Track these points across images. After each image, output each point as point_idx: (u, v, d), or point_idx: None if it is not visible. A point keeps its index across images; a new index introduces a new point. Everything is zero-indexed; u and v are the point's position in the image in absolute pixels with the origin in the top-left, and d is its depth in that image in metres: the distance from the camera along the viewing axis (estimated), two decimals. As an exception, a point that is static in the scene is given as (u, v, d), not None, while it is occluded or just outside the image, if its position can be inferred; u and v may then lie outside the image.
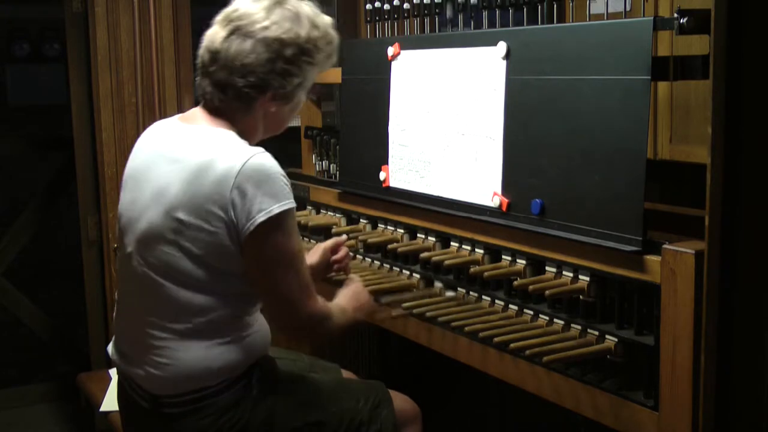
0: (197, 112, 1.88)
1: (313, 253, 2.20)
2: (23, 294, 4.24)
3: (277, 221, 1.73)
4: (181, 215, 1.75)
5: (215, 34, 1.83)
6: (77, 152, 3.53)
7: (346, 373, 2.33)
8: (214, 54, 1.82)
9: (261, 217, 1.72)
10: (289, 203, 1.76)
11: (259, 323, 1.91)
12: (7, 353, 4.34)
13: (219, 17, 1.86)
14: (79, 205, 3.57)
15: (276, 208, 1.73)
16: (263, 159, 1.76)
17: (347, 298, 2.07)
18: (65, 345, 4.28)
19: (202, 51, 1.86)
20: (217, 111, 1.85)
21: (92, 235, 3.52)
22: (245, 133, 1.86)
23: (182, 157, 1.79)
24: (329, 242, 2.24)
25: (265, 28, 1.80)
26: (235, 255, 1.76)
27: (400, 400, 2.13)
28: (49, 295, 4.34)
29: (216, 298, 1.79)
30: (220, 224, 1.73)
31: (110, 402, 2.81)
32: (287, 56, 1.81)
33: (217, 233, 1.74)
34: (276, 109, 1.87)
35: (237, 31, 1.80)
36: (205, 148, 1.78)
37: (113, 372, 3.05)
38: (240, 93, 1.81)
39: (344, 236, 2.33)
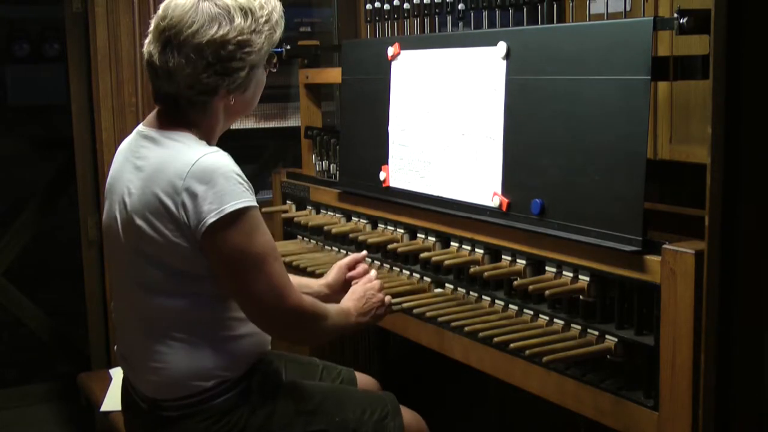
0: (158, 117, 1.83)
1: (330, 271, 2.15)
2: (23, 294, 4.24)
3: (231, 220, 1.67)
4: (139, 221, 1.73)
5: (151, 47, 1.77)
6: (77, 152, 3.53)
7: (361, 377, 2.29)
8: (156, 69, 1.76)
9: (212, 218, 1.66)
10: (244, 202, 1.68)
11: (253, 325, 1.87)
12: (7, 353, 4.34)
13: (152, 25, 1.78)
14: (79, 205, 3.57)
15: (228, 207, 1.67)
16: (214, 158, 1.71)
17: (354, 299, 1.97)
18: (65, 345, 4.28)
19: (145, 61, 1.80)
20: (175, 117, 1.80)
21: (92, 235, 3.52)
22: (207, 129, 1.81)
23: (142, 163, 1.77)
24: (347, 259, 2.16)
25: (194, 34, 1.71)
26: (196, 256, 1.72)
27: (407, 415, 2.09)
28: (49, 295, 4.34)
29: (190, 300, 1.76)
30: (172, 225, 1.70)
31: (110, 402, 2.81)
32: (224, 56, 1.73)
33: (170, 235, 1.70)
34: (236, 100, 1.81)
35: (169, 43, 1.73)
36: (161, 152, 1.75)
37: (113, 372, 3.05)
38: (191, 101, 1.77)
39: (364, 252, 2.21)
